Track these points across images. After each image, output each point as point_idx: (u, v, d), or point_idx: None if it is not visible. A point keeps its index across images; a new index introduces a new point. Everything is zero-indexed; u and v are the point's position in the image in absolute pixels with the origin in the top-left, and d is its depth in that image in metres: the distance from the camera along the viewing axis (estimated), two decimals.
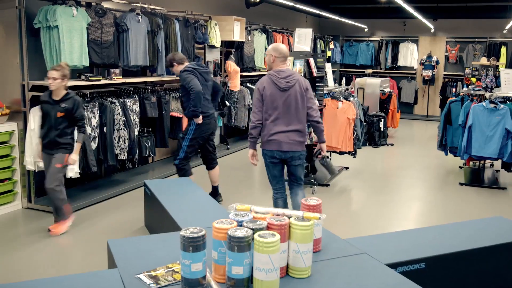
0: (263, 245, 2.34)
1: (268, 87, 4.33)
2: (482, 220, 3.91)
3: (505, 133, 6.26)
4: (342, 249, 3.04)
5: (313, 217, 2.65)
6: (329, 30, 15.89)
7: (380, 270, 2.74)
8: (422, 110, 15.11)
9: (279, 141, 4.37)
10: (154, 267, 2.71)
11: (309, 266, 2.65)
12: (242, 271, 2.39)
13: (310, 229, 2.60)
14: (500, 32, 14.20)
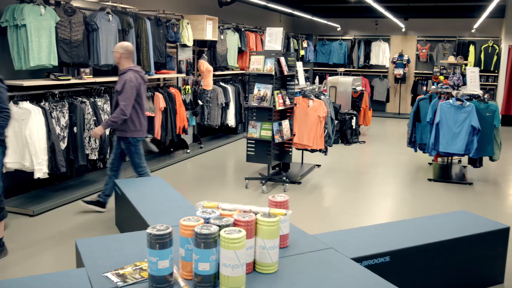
0: (229, 241, 2.37)
1: (140, 83, 5.02)
2: (447, 214, 4.02)
3: (471, 129, 6.42)
4: (309, 245, 3.08)
5: (279, 213, 2.69)
6: (302, 29, 16.02)
7: (345, 264, 2.80)
8: (394, 108, 15.35)
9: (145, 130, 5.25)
10: (122, 265, 2.71)
11: (275, 262, 2.69)
12: (209, 267, 2.42)
13: (276, 225, 2.64)
14: (469, 31, 14.52)
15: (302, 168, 7.32)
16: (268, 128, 6.13)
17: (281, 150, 6.65)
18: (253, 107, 6.20)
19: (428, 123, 6.81)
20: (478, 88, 7.09)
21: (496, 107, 6.66)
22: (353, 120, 9.68)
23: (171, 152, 8.33)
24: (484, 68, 14.01)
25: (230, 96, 9.48)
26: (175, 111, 7.67)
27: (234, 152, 8.97)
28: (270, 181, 6.63)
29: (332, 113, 6.97)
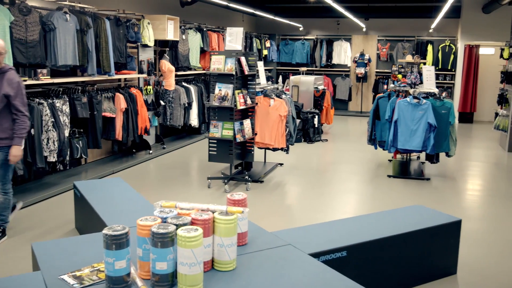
0: (185, 240, 2.38)
1: None
2: (403, 209, 4.13)
3: (428, 126, 6.61)
4: (268, 242, 3.12)
5: (236, 211, 2.71)
6: (265, 29, 16.10)
7: (303, 260, 2.85)
8: (356, 107, 15.61)
9: None
10: (79, 267, 2.69)
11: (234, 259, 2.71)
12: (166, 266, 2.43)
13: (233, 223, 2.66)
14: (427, 31, 14.89)
15: (265, 167, 7.38)
16: (230, 128, 6.15)
17: (243, 149, 6.68)
18: (215, 107, 6.21)
19: (387, 120, 6.96)
20: (434, 86, 7.29)
21: (451, 105, 6.86)
22: (315, 118, 9.80)
23: (133, 153, 8.25)
24: (442, 67, 14.40)
25: (193, 96, 9.46)
26: (136, 112, 7.60)
27: (197, 152, 8.95)
28: (232, 180, 6.65)
29: (293, 112, 7.05)
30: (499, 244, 4.83)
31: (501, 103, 9.89)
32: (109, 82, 7.68)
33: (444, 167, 7.92)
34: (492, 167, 8.37)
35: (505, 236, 5.04)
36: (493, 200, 6.38)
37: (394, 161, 8.00)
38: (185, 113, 9.32)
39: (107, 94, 7.16)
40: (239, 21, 14.61)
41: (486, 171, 8.03)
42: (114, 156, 8.04)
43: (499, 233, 5.14)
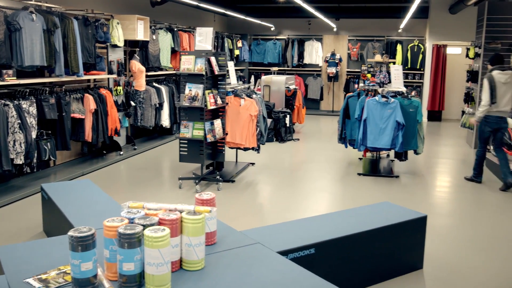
0: (152, 240, 2.38)
1: None
2: (371, 206, 4.20)
3: (396, 125, 6.72)
4: (237, 241, 3.13)
5: (203, 210, 2.72)
6: (237, 29, 16.12)
7: (271, 258, 2.87)
8: (328, 106, 15.75)
9: None
10: (46, 270, 2.66)
11: (202, 258, 2.72)
12: (134, 267, 2.42)
13: (201, 222, 2.67)
14: (396, 31, 15.13)
15: (237, 167, 7.40)
16: (200, 128, 6.15)
17: (214, 149, 6.68)
18: (185, 107, 6.20)
19: (356, 119, 7.06)
20: (402, 85, 7.43)
21: (419, 103, 7.00)
22: (286, 118, 9.86)
23: (103, 154, 8.16)
24: (411, 66, 14.66)
25: (164, 96, 9.40)
26: (106, 113, 7.52)
27: (169, 153, 8.91)
28: (204, 181, 6.65)
29: (264, 111, 7.08)
30: (465, 239, 4.95)
31: (467, 101, 10.13)
32: (78, 82, 7.58)
33: (413, 164, 8.07)
34: (459, 164, 8.56)
35: (471, 231, 5.17)
36: (459, 196, 6.53)
37: (364, 159, 8.10)
38: (156, 113, 9.27)
39: (76, 95, 7.06)
40: (210, 21, 14.59)
41: (453, 168, 8.21)
42: (84, 157, 7.94)
43: (465, 229, 5.27)
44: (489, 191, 6.70)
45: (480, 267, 4.22)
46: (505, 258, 4.42)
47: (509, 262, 4.34)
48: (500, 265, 4.28)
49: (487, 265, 4.25)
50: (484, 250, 4.61)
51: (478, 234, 5.06)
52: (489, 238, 4.92)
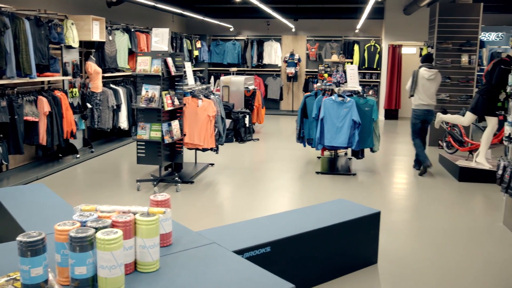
0: (104, 242, 2.35)
1: None
2: (326, 203, 4.27)
3: (352, 123, 6.86)
4: (192, 241, 3.13)
5: (157, 211, 2.71)
6: (196, 29, 16.05)
7: (226, 257, 2.88)
8: (287, 106, 15.89)
9: None
10: None
11: (156, 260, 2.71)
12: (86, 270, 2.39)
13: (155, 223, 2.66)
14: (353, 31, 15.40)
15: (196, 168, 7.38)
16: (158, 129, 6.10)
17: (172, 150, 6.65)
18: (142, 108, 6.14)
19: (313, 119, 7.16)
20: (358, 85, 7.57)
21: (374, 102, 7.16)
22: (246, 118, 9.90)
23: (59, 157, 7.99)
24: (368, 66, 14.95)
25: (122, 98, 9.28)
26: (61, 115, 7.36)
27: (127, 155, 8.80)
28: (162, 182, 6.60)
29: (222, 112, 7.09)
30: (418, 233, 5.10)
31: None
32: (31, 85, 7.39)
33: (370, 162, 8.24)
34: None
35: (424, 226, 5.32)
36: (414, 192, 6.72)
37: (322, 158, 8.23)
38: (114, 115, 9.13)
39: (29, 97, 6.89)
40: (169, 22, 14.49)
41: (408, 165, 8.42)
42: (39, 161, 7.74)
43: (418, 223, 5.43)
44: (443, 186, 6.91)
45: (433, 260, 4.35)
46: (456, 251, 4.58)
47: (460, 255, 4.49)
48: (452, 258, 4.43)
49: (439, 259, 4.39)
50: (437, 244, 4.76)
51: (431, 228, 5.22)
52: (442, 232, 5.08)
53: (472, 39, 9.74)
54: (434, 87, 7.53)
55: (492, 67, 6.91)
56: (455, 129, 8.26)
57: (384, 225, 5.08)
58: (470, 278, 4.01)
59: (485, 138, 7.15)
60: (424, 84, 7.48)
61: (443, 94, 9.79)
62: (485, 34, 14.27)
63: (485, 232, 5.10)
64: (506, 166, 4.89)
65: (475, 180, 7.05)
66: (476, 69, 9.86)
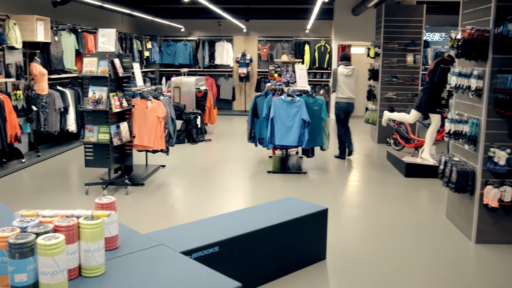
0: (45, 248, 2.30)
1: None
2: (275, 202, 4.32)
3: (302, 122, 6.95)
4: (140, 244, 3.10)
5: (101, 214, 2.67)
6: (146, 30, 15.85)
7: (174, 258, 2.87)
8: (240, 106, 15.93)
9: None
10: None
11: (101, 264, 2.67)
12: (26, 277, 2.33)
13: (99, 227, 2.62)
14: (304, 31, 15.61)
15: (147, 170, 7.30)
16: (106, 131, 6.00)
17: (121, 152, 6.54)
18: (89, 111, 6.02)
19: (264, 118, 7.21)
20: (307, 84, 7.68)
21: (323, 101, 7.29)
22: (198, 119, 9.86)
23: (3, 162, 7.71)
24: (319, 65, 15.19)
25: (69, 100, 9.06)
26: (4, 119, 7.11)
27: (76, 158, 8.60)
28: (112, 185, 6.49)
29: (173, 113, 7.05)
30: (365, 229, 5.24)
31: (370, 98, 10.67)
32: None
33: (321, 160, 8.38)
34: (363, 157, 9.01)
35: (371, 221, 5.47)
36: (362, 189, 6.89)
37: (274, 157, 8.31)
38: (61, 118, 8.90)
39: None
40: (118, 22, 14.24)
41: (357, 162, 8.62)
42: None
43: (366, 219, 5.57)
44: (390, 183, 7.12)
45: (379, 254, 4.48)
46: (402, 245, 4.73)
47: (405, 248, 4.64)
48: (398, 251, 4.57)
49: (386, 252, 4.53)
50: (384, 238, 4.90)
51: (378, 223, 5.37)
52: (388, 227, 5.24)
53: (416, 39, 10.06)
54: (353, 82, 8.55)
55: (434, 66, 7.16)
56: (402, 127, 8.51)
57: (333, 221, 5.19)
58: (414, 269, 4.15)
59: (429, 135, 7.40)
60: (343, 80, 8.46)
61: (390, 92, 10.07)
62: (430, 34, 14.77)
63: (429, 225, 5.29)
64: (447, 161, 5.09)
65: (420, 175, 7.29)
66: (421, 68, 10.19)
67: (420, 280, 3.96)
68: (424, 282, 3.92)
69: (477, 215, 4.69)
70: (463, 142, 4.83)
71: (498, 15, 4.41)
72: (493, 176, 4.58)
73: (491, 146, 4.52)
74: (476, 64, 4.74)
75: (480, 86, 4.57)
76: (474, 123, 4.65)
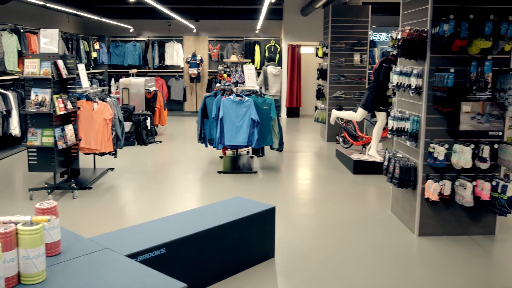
0: None
1: None
2: (222, 202, 4.33)
3: (251, 122, 7.00)
4: (84, 248, 3.05)
5: (41, 220, 2.61)
6: (93, 30, 15.51)
7: (119, 262, 2.84)
8: (191, 107, 15.85)
9: None
10: None
11: (42, 270, 2.61)
12: None
13: (39, 232, 2.56)
14: (254, 32, 15.69)
15: (95, 173, 7.15)
16: (50, 135, 5.84)
17: (67, 156, 6.39)
18: (32, 113, 5.84)
19: (213, 119, 7.21)
20: (256, 84, 7.73)
21: (272, 101, 7.35)
22: (147, 120, 9.75)
23: None
24: None
25: (12, 103, 8.75)
26: None
27: (21, 163, 8.32)
28: (58, 190, 6.33)
29: (120, 114, 6.94)
30: (314, 226, 5.33)
31: (319, 97, 10.85)
32: None
33: (271, 159, 8.45)
34: (313, 156, 9.16)
35: (320, 218, 5.57)
36: (312, 187, 7.00)
37: (225, 158, 8.32)
38: (4, 121, 8.59)
39: None
40: (64, 22, 13.87)
41: (307, 160, 8.76)
42: None
43: (314, 216, 5.67)
44: (339, 180, 7.26)
45: (327, 250, 4.57)
46: (349, 240, 4.84)
47: (352, 243, 4.76)
48: (345, 246, 4.67)
49: (333, 248, 4.62)
50: (332, 234, 5.00)
51: (327, 220, 5.47)
52: (336, 223, 5.35)
53: (363, 39, 10.30)
54: (279, 81, 9.75)
55: (379, 65, 7.37)
56: (350, 125, 8.71)
57: (282, 219, 5.26)
58: (360, 263, 4.26)
59: (375, 132, 7.61)
60: (272, 79, 9.55)
61: (338, 91, 10.27)
62: (376, 34, 15.16)
63: (375, 220, 5.44)
64: (390, 157, 5.24)
65: (368, 172, 7.48)
66: (367, 68, 10.45)
67: (365, 273, 4.07)
68: (368, 275, 4.03)
69: (419, 209, 4.86)
70: (405, 138, 4.99)
71: (435, 16, 4.58)
72: (433, 171, 4.76)
73: (431, 142, 4.69)
74: (416, 63, 4.91)
75: (420, 84, 4.74)
76: (415, 120, 4.82)
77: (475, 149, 4.59)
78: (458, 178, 4.70)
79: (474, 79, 4.51)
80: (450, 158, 4.67)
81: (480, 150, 4.59)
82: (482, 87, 4.50)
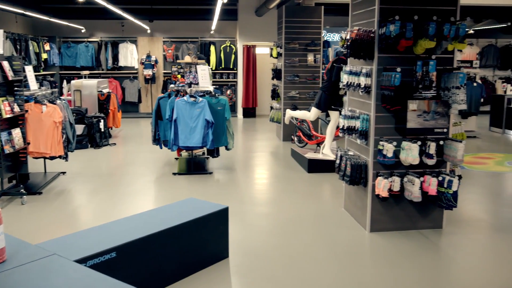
0: None
1: None
2: (175, 204, 4.31)
3: (205, 123, 6.98)
4: (30, 255, 2.96)
5: None
6: (43, 31, 15.08)
7: (67, 267, 2.77)
8: (147, 108, 15.66)
9: None
10: None
11: None
12: None
13: None
14: (209, 32, 15.65)
15: (45, 177, 6.96)
16: None
17: (15, 160, 6.19)
18: None
19: (167, 120, 7.15)
20: (209, 84, 7.72)
21: (226, 101, 7.36)
22: (101, 123, 9.57)
23: None
24: (225, 66, 15.32)
25: None
26: None
27: None
28: (5, 196, 6.12)
29: (71, 117, 6.78)
30: (269, 225, 5.37)
31: (274, 97, 10.93)
32: None
33: (227, 160, 8.45)
34: (269, 155, 9.22)
35: (274, 217, 5.62)
36: (267, 186, 7.04)
37: (180, 159, 8.26)
38: None
39: None
40: (12, 23, 13.43)
41: (263, 160, 8.81)
42: None
43: (269, 215, 5.71)
44: (294, 179, 7.33)
45: (282, 248, 4.61)
46: (303, 238, 4.90)
47: (306, 241, 4.82)
48: (299, 244, 4.73)
49: (288, 246, 4.67)
50: (286, 233, 5.05)
51: (281, 219, 5.52)
52: (291, 221, 5.40)
53: (316, 40, 10.45)
54: None
55: (331, 65, 7.49)
56: (304, 124, 8.81)
57: (237, 219, 5.27)
58: (313, 260, 4.32)
59: (329, 131, 7.73)
60: None
61: (293, 91, 10.38)
62: (330, 34, 15.40)
63: (328, 217, 5.53)
64: (342, 155, 5.34)
65: (322, 170, 7.59)
66: (321, 68, 10.60)
67: (318, 269, 4.13)
68: (321, 272, 4.10)
69: (370, 205, 4.97)
70: (355, 137, 5.09)
71: (382, 17, 4.70)
72: (383, 168, 4.88)
73: (380, 140, 4.81)
74: (365, 63, 5.02)
75: (369, 83, 4.85)
76: (364, 118, 4.93)
77: (422, 146, 4.74)
78: (406, 175, 4.84)
79: (419, 78, 4.65)
80: (398, 155, 4.81)
81: (427, 146, 4.74)
82: (427, 85, 4.65)
